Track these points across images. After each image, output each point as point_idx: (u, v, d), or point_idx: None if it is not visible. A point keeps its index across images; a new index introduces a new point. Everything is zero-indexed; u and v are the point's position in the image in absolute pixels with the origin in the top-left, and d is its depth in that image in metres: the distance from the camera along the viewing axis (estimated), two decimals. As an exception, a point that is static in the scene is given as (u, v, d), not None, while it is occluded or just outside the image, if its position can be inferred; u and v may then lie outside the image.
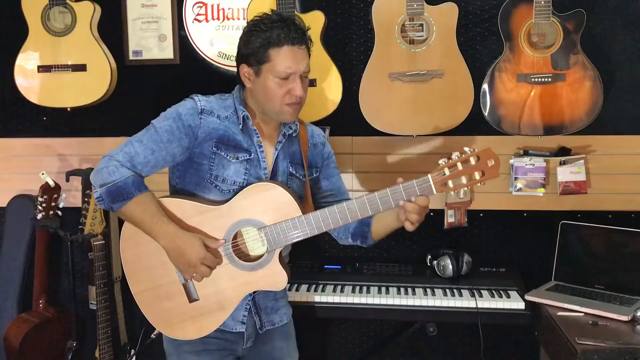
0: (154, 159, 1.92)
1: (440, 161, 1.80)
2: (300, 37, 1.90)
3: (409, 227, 1.86)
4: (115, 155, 1.91)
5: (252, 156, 1.97)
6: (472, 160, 1.77)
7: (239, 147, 1.96)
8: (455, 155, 1.79)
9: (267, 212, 1.90)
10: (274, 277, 1.94)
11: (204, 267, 1.88)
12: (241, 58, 1.95)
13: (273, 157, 2.01)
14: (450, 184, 1.78)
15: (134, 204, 1.88)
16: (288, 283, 1.98)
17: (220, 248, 1.91)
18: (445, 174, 1.78)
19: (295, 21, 1.94)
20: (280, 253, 1.95)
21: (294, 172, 2.05)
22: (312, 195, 2.12)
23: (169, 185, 2.07)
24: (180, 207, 1.94)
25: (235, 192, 1.94)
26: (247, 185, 1.95)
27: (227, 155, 1.95)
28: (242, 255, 1.94)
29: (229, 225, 1.92)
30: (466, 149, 1.79)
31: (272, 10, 1.97)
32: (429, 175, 1.80)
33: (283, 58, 1.88)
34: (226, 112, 1.98)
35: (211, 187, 1.96)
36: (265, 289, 1.98)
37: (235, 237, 1.93)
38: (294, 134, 2.06)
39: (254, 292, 2.01)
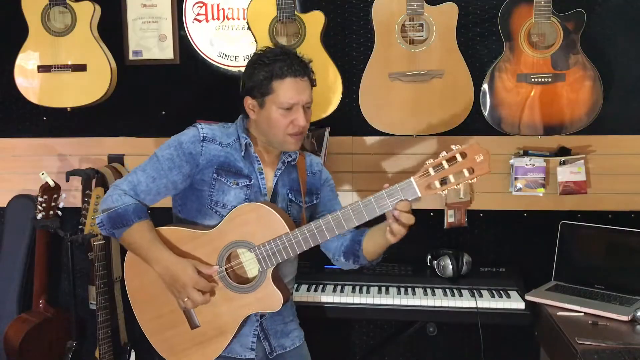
0: (156, 186, 1.96)
1: (427, 162, 1.76)
2: (302, 69, 1.95)
3: (390, 237, 1.85)
4: (120, 184, 1.97)
5: (252, 182, 2.00)
6: (459, 157, 1.72)
7: (240, 173, 2.00)
8: (441, 155, 1.75)
9: (256, 231, 1.90)
10: (268, 298, 1.92)
11: (196, 293, 1.88)
12: (245, 91, 2.00)
13: (272, 183, 2.05)
14: (437, 184, 1.74)
15: (133, 230, 1.92)
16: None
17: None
18: (430, 174, 1.74)
19: (297, 54, 2.00)
20: (277, 272, 1.94)
21: (293, 198, 2.08)
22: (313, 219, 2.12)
23: (173, 215, 2.10)
24: (176, 234, 1.97)
25: None
26: None
27: (227, 181, 1.98)
28: (239, 277, 1.94)
29: (220, 248, 1.93)
30: (453, 146, 1.74)
31: (274, 45, 2.03)
32: (412, 178, 1.76)
33: (286, 90, 1.93)
34: (228, 139, 2.02)
35: (212, 214, 1.98)
36: (260, 310, 1.96)
37: (230, 258, 1.93)
38: (292, 162, 2.09)
39: (261, 317, 2.02)
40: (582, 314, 2.37)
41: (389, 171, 2.94)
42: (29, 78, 2.89)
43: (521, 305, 2.51)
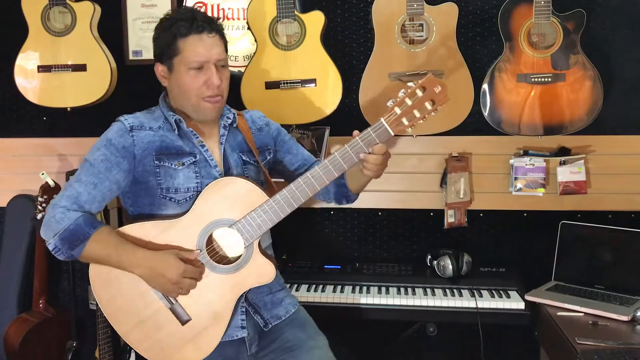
0: (99, 192, 1.85)
1: (389, 102, 1.79)
2: (206, 24, 1.88)
3: (369, 173, 1.85)
4: (58, 202, 1.84)
5: (197, 158, 1.91)
6: (419, 92, 1.77)
7: (182, 153, 1.90)
8: (401, 93, 1.78)
9: (233, 207, 1.83)
10: (261, 269, 1.87)
11: (188, 280, 1.81)
12: (155, 58, 1.94)
13: (221, 153, 1.96)
14: (405, 121, 1.79)
15: (93, 242, 1.80)
16: (288, 283, 1.95)
17: (198, 257, 1.85)
18: (397, 113, 1.78)
19: (200, 11, 1.94)
20: (260, 245, 1.88)
21: (247, 159, 2.01)
22: (283, 175, 2.10)
23: (126, 216, 2.00)
24: (142, 229, 1.86)
25: (192, 199, 1.87)
26: (202, 187, 1.88)
27: (171, 165, 1.88)
28: (222, 259, 1.87)
29: (198, 233, 1.85)
30: (410, 84, 1.79)
31: (178, 6, 1.96)
32: (382, 119, 1.79)
33: (192, 47, 1.86)
34: (157, 122, 1.94)
35: (166, 202, 1.89)
36: (256, 284, 1.90)
37: (209, 241, 1.86)
38: (234, 124, 2.01)
39: (244, 293, 1.93)
40: (582, 314, 2.36)
41: (389, 171, 2.92)
42: (29, 78, 2.89)
43: (521, 305, 2.51)
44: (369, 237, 3.01)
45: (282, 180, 2.15)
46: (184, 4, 2.96)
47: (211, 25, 1.89)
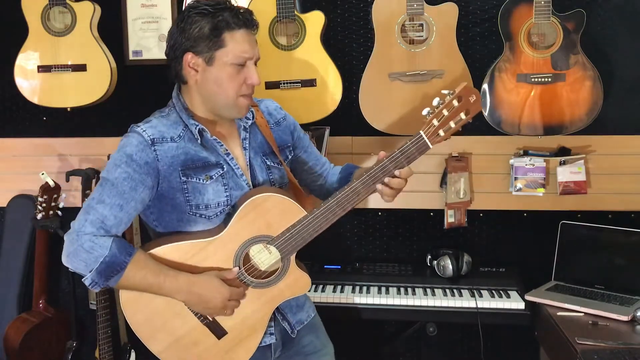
0: (126, 214, 1.71)
1: (425, 112, 1.75)
2: (252, 19, 1.78)
3: (388, 199, 1.81)
4: (82, 228, 1.68)
5: (225, 169, 1.81)
6: (455, 103, 1.73)
7: (208, 165, 1.79)
8: (437, 103, 1.74)
9: (270, 223, 1.79)
10: (298, 282, 1.86)
11: (233, 303, 1.78)
12: (184, 47, 1.75)
13: (246, 159, 1.86)
14: (442, 132, 1.75)
15: (131, 271, 1.69)
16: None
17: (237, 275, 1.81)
18: (434, 125, 1.74)
19: (238, 5, 1.81)
20: (296, 256, 1.86)
21: (271, 163, 1.91)
22: (295, 172, 2.03)
23: (148, 229, 1.90)
24: (177, 251, 1.78)
25: (224, 213, 1.81)
26: (232, 200, 1.81)
27: (199, 180, 1.77)
28: (259, 274, 1.84)
29: (235, 250, 1.80)
30: (444, 91, 1.74)
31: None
32: (421, 132, 1.74)
33: (240, 42, 1.74)
34: (176, 130, 1.78)
35: (196, 219, 1.79)
36: (292, 296, 1.89)
37: (246, 258, 1.82)
38: (253, 122, 1.89)
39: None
40: (582, 314, 2.36)
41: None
42: (29, 78, 2.89)
43: (521, 305, 2.51)
44: (369, 237, 3.01)
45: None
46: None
47: (255, 23, 1.80)
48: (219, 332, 1.85)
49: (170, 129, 1.78)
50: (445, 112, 1.73)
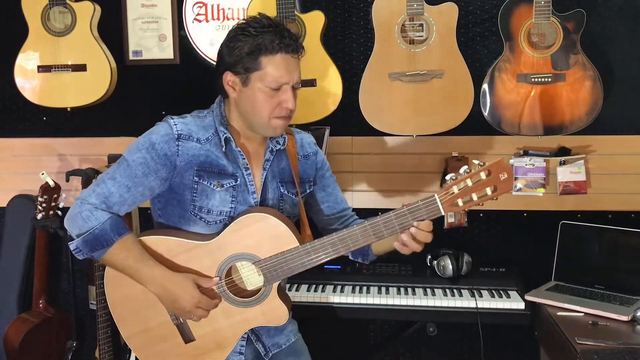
0: (131, 196, 1.77)
1: (448, 177, 1.65)
2: (295, 44, 1.76)
3: (401, 249, 1.77)
4: (87, 197, 1.75)
5: (238, 181, 1.82)
6: (483, 175, 1.63)
7: (224, 173, 1.81)
8: (463, 171, 1.65)
9: (261, 244, 1.76)
10: (274, 312, 1.82)
11: (200, 311, 1.77)
12: (225, 65, 1.78)
13: (262, 180, 1.86)
14: (460, 202, 1.65)
15: (116, 249, 1.74)
16: (288, 283, 1.92)
17: (215, 286, 1.79)
18: (454, 193, 1.64)
19: (288, 28, 1.79)
20: (280, 286, 1.84)
21: (285, 192, 1.90)
22: (309, 208, 2.00)
23: (153, 218, 1.94)
24: (166, 245, 1.79)
25: (222, 223, 1.81)
26: (234, 213, 1.81)
27: (210, 184, 1.79)
28: (238, 290, 1.82)
29: (220, 261, 1.78)
30: (476, 162, 1.65)
31: (259, 14, 1.79)
32: (436, 196, 1.66)
33: (276, 66, 1.73)
34: (206, 133, 1.81)
35: (196, 220, 1.81)
36: (264, 324, 1.86)
37: (229, 272, 1.81)
38: (282, 148, 1.90)
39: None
40: (582, 314, 2.36)
41: (389, 171, 2.94)
42: (29, 78, 2.89)
43: (521, 305, 2.51)
44: (369, 237, 3.00)
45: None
46: (184, 5, 2.97)
47: (297, 46, 1.77)
48: (187, 336, 1.85)
49: (201, 131, 1.82)
50: (468, 183, 1.63)
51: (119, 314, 1.87)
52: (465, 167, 1.66)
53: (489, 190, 1.64)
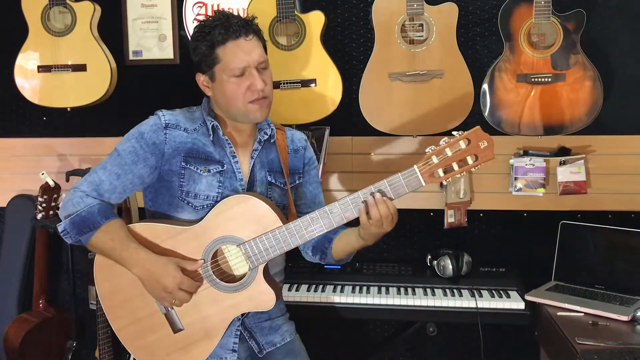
0: (121, 183, 1.84)
1: (428, 149, 1.68)
2: (241, 28, 1.81)
3: (366, 233, 1.78)
4: (79, 186, 1.85)
5: (225, 167, 1.87)
6: (462, 144, 1.65)
7: (210, 159, 1.87)
8: (443, 141, 1.67)
9: (244, 226, 1.77)
10: (260, 297, 1.80)
11: (182, 293, 1.77)
12: (195, 68, 1.89)
13: (249, 167, 1.91)
14: (440, 172, 1.67)
15: (102, 233, 1.79)
16: (288, 283, 1.92)
17: (200, 270, 1.80)
18: (433, 162, 1.67)
19: (237, 15, 1.87)
20: (267, 269, 1.84)
21: (273, 181, 1.95)
22: (294, 202, 2.02)
23: (146, 213, 1.99)
24: (152, 230, 1.83)
25: (209, 208, 1.83)
26: (221, 198, 1.83)
27: (197, 169, 1.85)
28: (226, 275, 1.82)
29: (205, 245, 1.80)
30: (455, 132, 1.68)
31: (214, 11, 1.88)
32: (415, 166, 1.69)
33: (231, 54, 1.80)
34: (194, 124, 1.90)
35: (183, 205, 1.86)
36: (252, 310, 1.85)
37: (215, 256, 1.81)
38: (271, 140, 1.96)
39: (243, 315, 1.90)
40: (582, 314, 2.36)
41: (389, 171, 2.92)
42: (29, 78, 2.89)
43: (521, 305, 2.51)
44: (369, 237, 3.00)
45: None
46: (184, 5, 2.97)
47: (247, 28, 1.83)
48: (175, 325, 1.85)
49: (188, 122, 1.90)
50: (448, 152, 1.65)
51: (109, 306, 1.90)
52: (446, 138, 1.67)
53: (469, 160, 1.67)
